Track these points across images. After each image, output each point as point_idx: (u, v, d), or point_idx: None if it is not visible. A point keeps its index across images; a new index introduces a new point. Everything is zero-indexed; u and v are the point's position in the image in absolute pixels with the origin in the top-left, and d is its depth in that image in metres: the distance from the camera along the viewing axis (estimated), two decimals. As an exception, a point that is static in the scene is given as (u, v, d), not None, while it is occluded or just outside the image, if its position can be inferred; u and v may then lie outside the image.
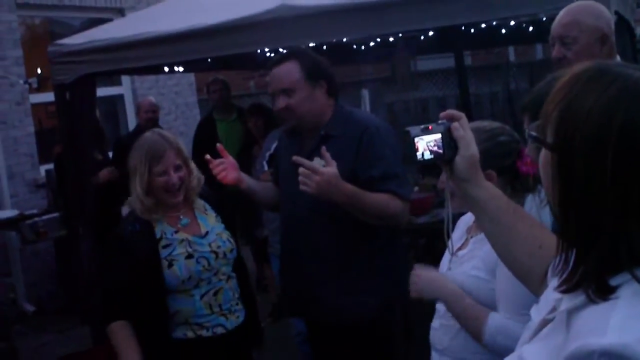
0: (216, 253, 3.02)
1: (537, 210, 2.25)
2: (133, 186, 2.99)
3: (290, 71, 3.06)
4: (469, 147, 1.61)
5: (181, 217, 3.05)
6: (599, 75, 1.15)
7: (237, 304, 3.12)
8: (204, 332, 3.00)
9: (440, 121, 1.64)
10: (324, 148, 2.90)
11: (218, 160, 3.20)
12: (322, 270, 3.12)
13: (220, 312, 3.03)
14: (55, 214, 6.68)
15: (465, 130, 1.62)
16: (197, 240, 3.01)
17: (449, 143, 1.61)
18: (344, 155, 3.00)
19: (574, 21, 2.85)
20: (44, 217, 6.65)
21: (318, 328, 3.28)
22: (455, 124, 1.62)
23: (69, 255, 6.45)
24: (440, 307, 2.37)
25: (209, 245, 3.02)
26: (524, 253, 1.56)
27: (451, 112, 1.66)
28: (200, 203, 3.15)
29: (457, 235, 2.46)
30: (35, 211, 6.87)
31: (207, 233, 3.06)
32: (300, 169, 2.84)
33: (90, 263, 5.02)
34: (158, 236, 2.98)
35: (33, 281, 7.17)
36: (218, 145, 3.32)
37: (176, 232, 3.00)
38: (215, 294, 3.01)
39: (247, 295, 3.24)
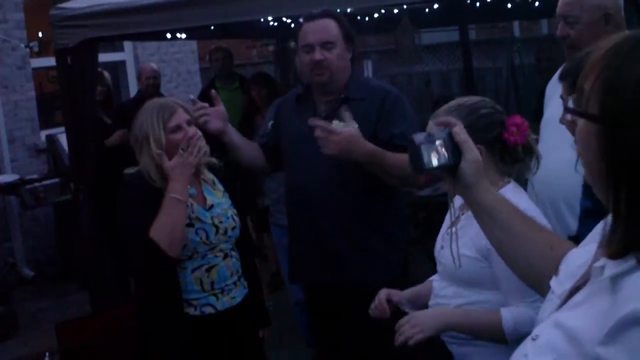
0: (217, 227, 2.91)
1: (528, 179, 2.26)
2: (145, 154, 2.83)
3: (330, 26, 3.14)
4: (472, 151, 1.60)
5: (188, 186, 2.88)
6: None
7: (234, 284, 2.98)
8: (191, 310, 2.88)
9: (439, 128, 1.65)
10: (343, 107, 2.95)
11: (201, 104, 3.18)
12: (344, 230, 3.15)
13: (212, 291, 2.90)
14: (55, 180, 6.67)
15: (465, 135, 1.61)
16: (200, 210, 2.91)
17: (452, 149, 1.60)
18: (366, 117, 3.08)
19: (576, 0, 2.82)
20: (44, 183, 6.64)
21: (330, 292, 3.27)
22: (456, 129, 1.61)
23: (68, 220, 6.45)
24: (436, 285, 2.38)
25: (212, 218, 2.92)
26: (535, 256, 1.55)
27: (445, 119, 1.67)
28: (209, 176, 3.05)
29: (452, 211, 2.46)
30: (35, 176, 6.86)
31: (212, 206, 2.95)
32: (317, 131, 2.86)
33: (90, 229, 5.01)
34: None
35: (32, 246, 7.19)
36: (212, 92, 3.32)
37: None
38: (208, 270, 2.89)
39: (251, 274, 3.13)
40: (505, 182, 2.27)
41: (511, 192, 2.20)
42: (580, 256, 1.35)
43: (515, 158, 2.25)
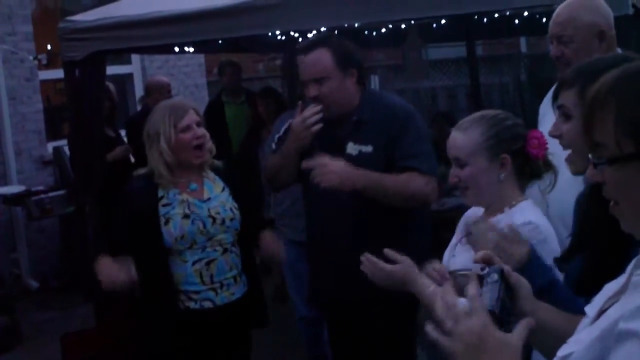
0: (214, 218, 3.06)
1: (542, 195, 2.25)
2: (154, 150, 3.02)
3: (321, 59, 3.05)
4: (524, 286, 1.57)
5: (191, 183, 3.12)
6: None
7: (234, 280, 3.12)
8: (191, 304, 3.04)
9: (483, 267, 1.55)
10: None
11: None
12: (362, 248, 3.08)
13: (211, 285, 3.05)
14: (62, 191, 6.69)
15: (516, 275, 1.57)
16: (196, 202, 3.08)
17: (506, 290, 1.50)
18: (377, 140, 3.05)
19: (569, 19, 2.81)
20: (50, 194, 6.66)
21: (350, 309, 3.20)
22: (507, 268, 1.55)
23: (74, 232, 6.45)
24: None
25: (208, 209, 3.08)
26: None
27: (484, 254, 1.60)
28: (211, 174, 3.21)
29: (462, 224, 2.45)
30: (41, 188, 6.88)
31: (209, 199, 3.13)
32: (314, 171, 2.87)
33: (96, 241, 5.01)
34: (160, 195, 3.06)
35: (38, 257, 7.19)
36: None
37: (180, 193, 3.08)
38: (208, 263, 3.05)
39: (251, 271, 3.24)
40: (524, 199, 2.27)
41: (529, 209, 2.22)
42: (612, 285, 1.36)
43: (535, 172, 2.25)
